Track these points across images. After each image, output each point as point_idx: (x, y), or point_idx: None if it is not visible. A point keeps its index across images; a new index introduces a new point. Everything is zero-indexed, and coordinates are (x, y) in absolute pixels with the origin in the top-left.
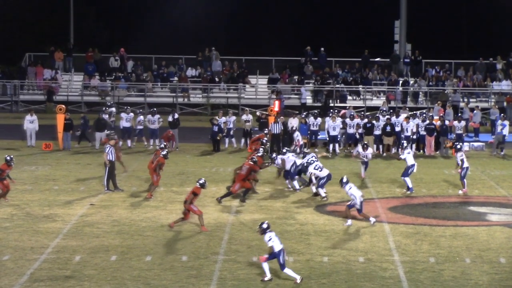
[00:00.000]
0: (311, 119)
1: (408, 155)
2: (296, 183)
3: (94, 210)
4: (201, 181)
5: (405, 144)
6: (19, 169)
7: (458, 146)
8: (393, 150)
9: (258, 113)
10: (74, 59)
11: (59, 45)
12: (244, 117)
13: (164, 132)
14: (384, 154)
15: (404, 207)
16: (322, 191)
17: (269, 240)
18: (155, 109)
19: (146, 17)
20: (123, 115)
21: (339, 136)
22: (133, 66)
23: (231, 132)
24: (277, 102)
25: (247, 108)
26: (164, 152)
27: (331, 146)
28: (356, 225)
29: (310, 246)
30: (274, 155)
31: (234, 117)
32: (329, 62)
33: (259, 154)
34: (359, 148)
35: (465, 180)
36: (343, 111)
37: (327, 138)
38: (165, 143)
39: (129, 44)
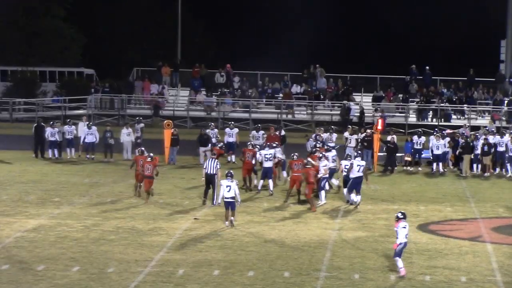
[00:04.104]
0: (415, 137)
1: None
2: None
3: (198, 225)
4: None
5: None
6: (125, 182)
7: None
8: (493, 170)
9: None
10: (181, 74)
11: (167, 60)
12: (345, 134)
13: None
14: (485, 174)
15: (507, 228)
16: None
17: None
18: (259, 125)
19: (252, 34)
20: (227, 130)
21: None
22: (239, 81)
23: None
24: (380, 121)
25: (349, 126)
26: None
27: (434, 164)
28: (459, 245)
29: (412, 264)
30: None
31: (335, 135)
32: (434, 80)
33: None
34: None
35: None
36: (448, 130)
37: (431, 157)
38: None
39: (235, 60)
